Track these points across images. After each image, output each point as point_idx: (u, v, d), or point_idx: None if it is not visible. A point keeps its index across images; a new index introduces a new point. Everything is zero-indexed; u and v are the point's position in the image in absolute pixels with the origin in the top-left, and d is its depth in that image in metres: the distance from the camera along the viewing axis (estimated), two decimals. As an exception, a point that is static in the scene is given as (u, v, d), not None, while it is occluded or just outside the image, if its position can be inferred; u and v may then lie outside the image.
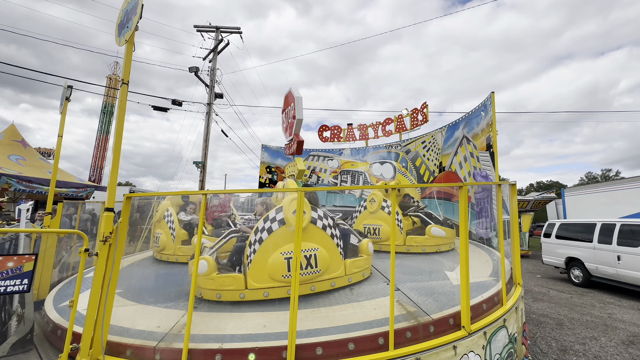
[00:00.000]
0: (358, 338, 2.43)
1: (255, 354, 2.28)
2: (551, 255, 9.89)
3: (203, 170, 15.24)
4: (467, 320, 2.68)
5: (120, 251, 2.59)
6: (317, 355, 2.32)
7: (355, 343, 2.39)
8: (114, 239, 2.51)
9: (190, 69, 14.95)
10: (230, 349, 2.34)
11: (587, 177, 51.39)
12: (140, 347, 2.45)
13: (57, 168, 4.51)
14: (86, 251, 2.36)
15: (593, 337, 5.10)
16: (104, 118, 29.31)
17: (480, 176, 6.44)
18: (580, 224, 9.13)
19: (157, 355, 2.38)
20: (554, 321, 5.85)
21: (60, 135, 4.51)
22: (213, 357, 2.29)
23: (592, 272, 8.42)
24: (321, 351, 2.33)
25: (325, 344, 2.37)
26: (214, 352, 2.31)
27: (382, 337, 2.44)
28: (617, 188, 13.06)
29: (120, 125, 2.64)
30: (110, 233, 2.47)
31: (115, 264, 2.53)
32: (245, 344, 2.37)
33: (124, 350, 2.46)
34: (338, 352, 2.36)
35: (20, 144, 13.61)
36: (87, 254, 2.38)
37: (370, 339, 2.45)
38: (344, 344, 2.39)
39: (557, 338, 5.05)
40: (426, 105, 9.52)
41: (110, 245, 2.49)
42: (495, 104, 6.07)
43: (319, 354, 2.33)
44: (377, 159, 10.80)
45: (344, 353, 2.36)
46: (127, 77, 2.74)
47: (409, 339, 2.51)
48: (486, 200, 5.76)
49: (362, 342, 2.41)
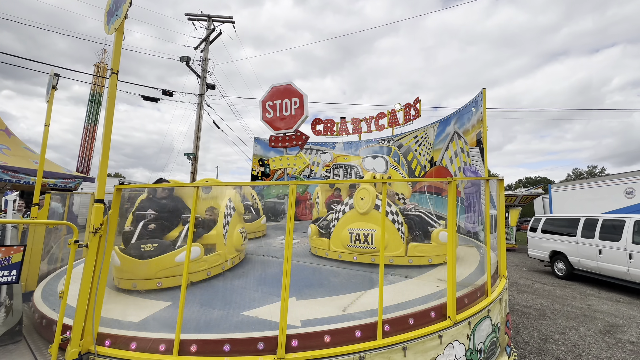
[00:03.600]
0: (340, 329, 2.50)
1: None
2: (537, 249, 10.19)
3: (194, 162, 15.07)
4: (453, 311, 2.77)
5: (110, 243, 2.59)
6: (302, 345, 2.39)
7: (334, 334, 2.45)
8: (104, 230, 2.50)
9: (182, 58, 14.62)
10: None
11: (574, 173, 52.68)
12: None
13: (44, 158, 4.41)
14: (76, 242, 2.35)
15: (573, 327, 5.32)
16: (92, 107, 28.51)
17: (470, 171, 6.55)
18: (565, 219, 9.41)
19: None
20: (537, 312, 6.07)
21: (47, 125, 4.40)
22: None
23: (574, 265, 8.72)
24: (296, 343, 2.39)
25: (302, 335, 2.43)
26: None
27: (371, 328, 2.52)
28: (602, 184, 13.46)
29: (109, 116, 2.60)
30: (100, 224, 2.46)
31: (105, 256, 2.52)
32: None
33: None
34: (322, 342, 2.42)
35: (4, 133, 13.19)
36: (76, 246, 2.37)
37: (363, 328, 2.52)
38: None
39: (539, 328, 5.26)
40: (419, 100, 9.58)
41: (100, 237, 2.48)
42: (486, 100, 6.15)
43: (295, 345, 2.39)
44: (370, 153, 10.87)
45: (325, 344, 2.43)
46: (117, 67, 2.69)
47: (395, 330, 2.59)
48: (475, 195, 5.88)
49: (340, 334, 2.47)
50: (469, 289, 3.29)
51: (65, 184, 12.63)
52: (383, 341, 2.43)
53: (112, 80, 2.64)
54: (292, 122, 5.99)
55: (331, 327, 2.51)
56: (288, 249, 2.42)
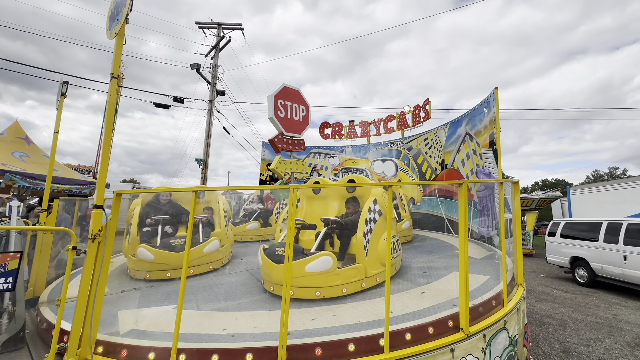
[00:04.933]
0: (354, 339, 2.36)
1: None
2: (556, 255, 9.74)
3: (205, 168, 15.23)
4: (466, 322, 2.60)
5: (110, 249, 2.54)
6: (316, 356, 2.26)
7: (326, 347, 2.31)
8: (103, 236, 2.46)
9: (192, 65, 14.88)
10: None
11: (594, 175, 50.73)
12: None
13: (53, 163, 4.48)
14: (74, 249, 2.31)
15: (597, 338, 4.99)
16: (108, 115, 29.43)
17: (483, 174, 6.31)
18: (585, 223, 8.96)
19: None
20: (558, 322, 5.74)
21: (56, 132, 4.47)
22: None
23: (597, 272, 8.26)
24: (320, 351, 2.27)
25: (291, 347, 2.30)
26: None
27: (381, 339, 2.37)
28: (624, 187, 12.83)
29: (110, 120, 2.58)
30: (99, 230, 2.42)
31: (104, 262, 2.48)
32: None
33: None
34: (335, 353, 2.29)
35: (24, 141, 13.66)
36: (74, 252, 2.33)
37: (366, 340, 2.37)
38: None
39: (560, 339, 4.95)
40: (428, 102, 9.38)
41: (99, 243, 2.44)
42: (498, 100, 5.93)
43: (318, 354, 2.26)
44: (379, 156, 10.69)
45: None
46: (117, 71, 2.67)
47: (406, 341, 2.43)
48: (489, 199, 5.64)
49: (334, 347, 2.32)
50: (483, 299, 3.09)
51: (80, 190, 12.95)
52: (390, 355, 2.28)
53: (112, 84, 2.62)
54: (301, 128, 5.94)
55: (323, 339, 2.36)
56: (289, 256, 2.31)
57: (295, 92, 6.04)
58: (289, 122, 6.01)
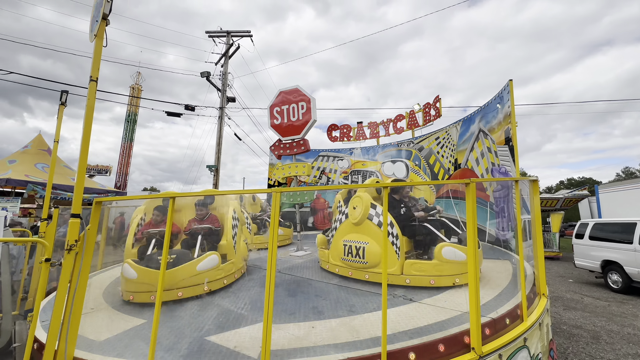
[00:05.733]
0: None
1: None
2: (584, 258, 9.01)
3: (216, 174, 15.35)
4: (478, 341, 2.27)
5: (88, 260, 2.41)
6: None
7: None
8: (80, 247, 2.32)
9: (202, 73, 15.10)
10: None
11: (625, 172, 47.73)
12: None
13: (54, 172, 4.48)
14: (47, 261, 2.19)
15: (637, 353, 4.44)
16: (128, 126, 30.51)
17: (499, 172, 5.88)
18: (617, 224, 8.25)
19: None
20: (589, 334, 5.19)
21: (56, 141, 4.48)
22: None
23: (633, 277, 7.55)
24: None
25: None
26: None
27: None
28: (660, 183, 11.84)
29: (88, 124, 2.46)
30: (75, 241, 2.29)
31: (82, 274, 2.34)
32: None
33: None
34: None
35: (46, 153, 14.29)
36: (48, 264, 2.20)
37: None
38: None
39: (593, 354, 4.44)
40: (439, 99, 8.98)
41: (76, 254, 2.31)
42: (513, 93, 5.52)
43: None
44: (389, 157, 10.34)
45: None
46: (96, 74, 2.55)
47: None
48: (505, 199, 5.22)
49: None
50: (498, 313, 2.75)
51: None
52: (388, 379, 2.00)
53: (90, 87, 2.51)
54: (300, 128, 5.73)
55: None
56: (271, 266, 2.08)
57: (293, 90, 5.91)
58: (285, 127, 5.92)
